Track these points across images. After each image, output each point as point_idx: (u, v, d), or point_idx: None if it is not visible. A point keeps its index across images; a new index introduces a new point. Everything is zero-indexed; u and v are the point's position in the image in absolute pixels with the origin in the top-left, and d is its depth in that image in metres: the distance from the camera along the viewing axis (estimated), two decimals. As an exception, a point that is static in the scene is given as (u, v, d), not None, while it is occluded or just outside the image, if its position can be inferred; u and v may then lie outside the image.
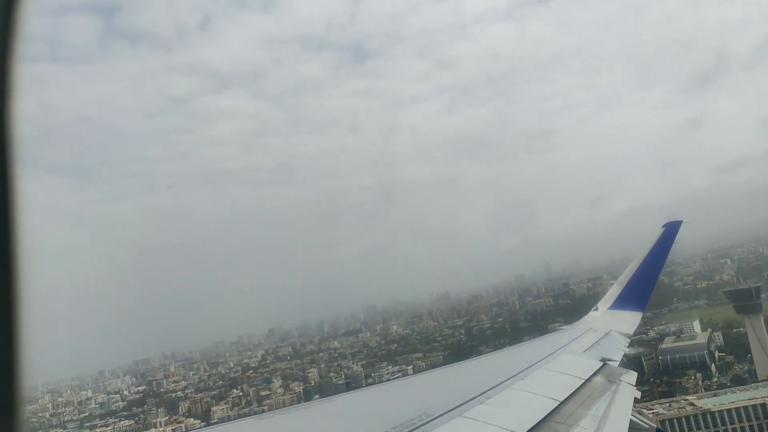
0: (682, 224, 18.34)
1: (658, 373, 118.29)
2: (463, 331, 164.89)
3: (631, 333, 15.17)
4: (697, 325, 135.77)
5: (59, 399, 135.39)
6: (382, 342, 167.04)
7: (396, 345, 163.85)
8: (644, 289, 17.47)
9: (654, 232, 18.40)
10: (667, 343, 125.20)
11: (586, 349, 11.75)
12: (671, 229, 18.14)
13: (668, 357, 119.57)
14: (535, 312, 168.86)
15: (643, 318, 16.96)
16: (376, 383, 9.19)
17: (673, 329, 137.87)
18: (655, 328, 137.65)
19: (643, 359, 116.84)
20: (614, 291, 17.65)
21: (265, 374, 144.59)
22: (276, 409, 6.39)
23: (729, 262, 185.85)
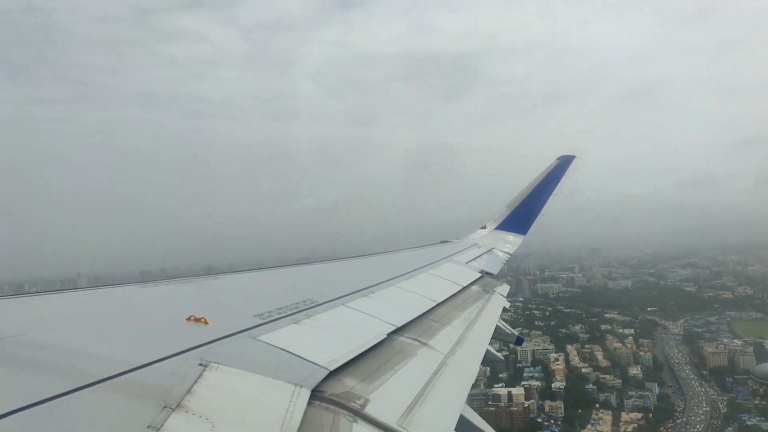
0: (575, 159, 19.46)
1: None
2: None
3: (512, 253, 16.29)
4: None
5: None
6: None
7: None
8: (530, 214, 18.59)
9: (549, 163, 19.40)
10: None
11: (469, 261, 12.49)
12: (565, 162, 19.19)
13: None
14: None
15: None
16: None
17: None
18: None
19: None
20: (503, 212, 18.68)
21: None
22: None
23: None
